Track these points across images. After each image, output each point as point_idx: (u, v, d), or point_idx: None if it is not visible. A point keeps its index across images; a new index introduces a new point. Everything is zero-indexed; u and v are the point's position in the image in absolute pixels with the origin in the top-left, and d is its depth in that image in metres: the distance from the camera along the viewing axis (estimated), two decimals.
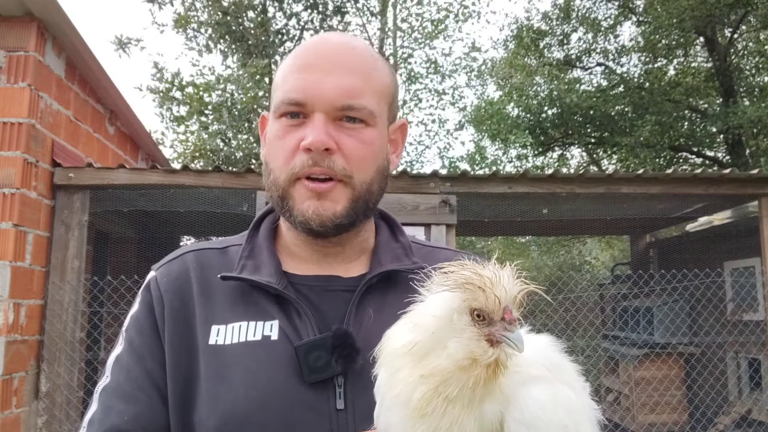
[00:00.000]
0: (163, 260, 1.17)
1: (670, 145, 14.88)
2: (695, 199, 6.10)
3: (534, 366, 0.78)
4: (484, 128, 16.30)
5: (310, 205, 1.05)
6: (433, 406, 0.73)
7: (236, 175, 4.95)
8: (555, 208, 6.22)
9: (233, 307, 1.07)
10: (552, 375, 0.78)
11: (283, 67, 1.13)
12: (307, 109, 1.05)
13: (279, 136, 1.08)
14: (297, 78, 1.07)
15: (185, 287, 1.09)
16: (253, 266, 1.10)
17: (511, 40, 17.43)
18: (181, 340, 1.05)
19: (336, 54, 1.09)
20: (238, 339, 1.03)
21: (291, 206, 1.07)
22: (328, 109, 1.05)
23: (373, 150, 1.09)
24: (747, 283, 6.53)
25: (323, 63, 1.07)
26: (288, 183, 1.07)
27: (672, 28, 13.60)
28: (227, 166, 9.35)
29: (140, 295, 1.13)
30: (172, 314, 1.07)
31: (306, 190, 1.05)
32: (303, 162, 1.04)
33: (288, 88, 1.07)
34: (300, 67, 1.08)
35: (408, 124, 1.25)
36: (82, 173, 4.80)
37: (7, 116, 4.32)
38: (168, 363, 1.04)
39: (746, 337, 6.47)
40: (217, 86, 11.16)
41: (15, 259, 4.26)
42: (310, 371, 0.99)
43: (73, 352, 4.63)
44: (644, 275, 5.99)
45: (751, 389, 6.83)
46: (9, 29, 4.42)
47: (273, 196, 1.10)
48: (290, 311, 1.05)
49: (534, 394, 0.75)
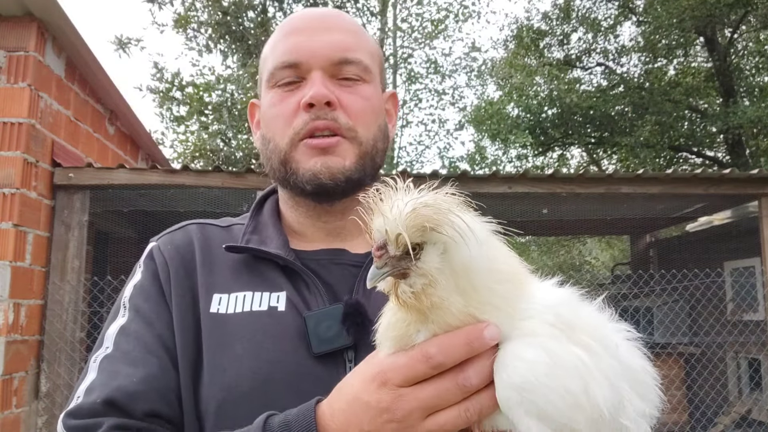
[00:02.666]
0: (164, 232, 1.13)
1: (670, 145, 14.89)
2: (695, 199, 6.10)
3: (537, 323, 0.70)
4: (484, 128, 16.30)
5: (317, 161, 1.01)
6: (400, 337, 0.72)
7: (236, 175, 4.95)
8: (555, 208, 6.22)
9: (237, 276, 1.03)
10: (560, 333, 0.69)
11: (270, 41, 1.09)
12: (302, 69, 1.02)
13: (274, 103, 1.04)
14: (287, 41, 1.04)
15: (189, 256, 1.06)
16: (259, 240, 1.07)
17: (511, 40, 17.43)
18: (188, 308, 1.01)
19: (324, 17, 1.07)
20: (242, 308, 0.98)
21: (295, 169, 1.03)
22: (324, 65, 1.02)
23: (372, 105, 1.07)
24: (747, 283, 6.53)
25: (312, 24, 1.05)
26: (290, 146, 1.03)
27: (672, 28, 13.60)
28: (227, 166, 9.36)
29: (142, 264, 1.08)
30: (178, 281, 1.03)
31: (309, 149, 1.02)
32: (305, 120, 1.01)
33: (279, 53, 1.04)
34: (288, 32, 1.05)
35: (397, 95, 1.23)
36: (82, 173, 4.80)
37: (7, 116, 4.32)
38: (176, 330, 0.99)
39: (746, 337, 6.47)
40: (217, 86, 11.17)
41: (15, 259, 4.26)
42: (320, 342, 0.94)
43: (73, 352, 4.63)
44: (644, 275, 5.99)
45: (751, 389, 6.83)
46: (9, 29, 4.42)
47: (273, 164, 1.06)
48: (298, 283, 1.01)
49: (523, 353, 0.67)
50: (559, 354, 0.68)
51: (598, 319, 0.76)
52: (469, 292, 0.69)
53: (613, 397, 0.69)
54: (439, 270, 0.68)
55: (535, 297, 0.73)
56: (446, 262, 0.68)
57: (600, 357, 0.70)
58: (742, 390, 6.96)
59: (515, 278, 0.73)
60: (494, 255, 0.72)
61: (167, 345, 0.98)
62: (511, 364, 0.67)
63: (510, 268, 0.73)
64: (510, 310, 0.70)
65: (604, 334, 0.74)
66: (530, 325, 0.70)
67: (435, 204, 0.67)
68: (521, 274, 0.75)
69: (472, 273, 0.69)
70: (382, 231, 0.68)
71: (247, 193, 5.09)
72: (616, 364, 0.72)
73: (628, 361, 0.75)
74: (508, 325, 0.70)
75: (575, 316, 0.73)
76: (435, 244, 0.68)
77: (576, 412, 0.66)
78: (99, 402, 0.90)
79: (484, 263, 0.70)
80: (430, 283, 0.68)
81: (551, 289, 0.76)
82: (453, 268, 0.68)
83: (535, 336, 0.69)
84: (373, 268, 0.69)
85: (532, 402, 0.66)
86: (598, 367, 0.69)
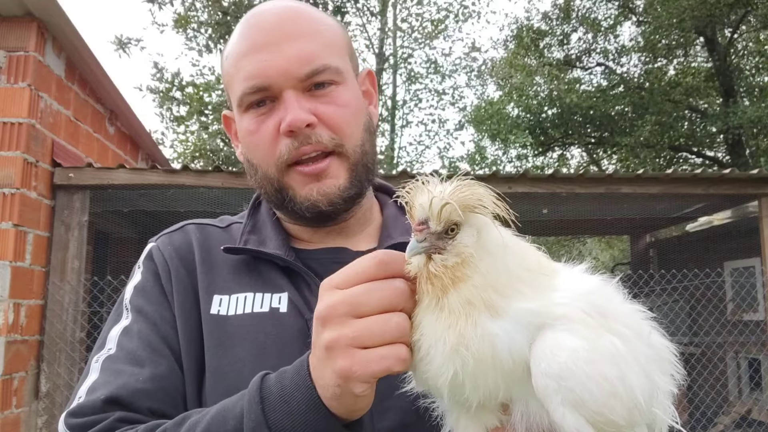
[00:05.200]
0: (162, 232, 1.11)
1: (670, 145, 14.89)
2: (695, 199, 6.10)
3: (572, 310, 0.70)
4: (484, 128, 16.32)
5: (312, 188, 1.00)
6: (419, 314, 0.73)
7: (236, 175, 4.95)
8: (555, 208, 6.22)
9: (237, 278, 1.01)
10: (593, 321, 0.70)
11: (229, 56, 1.04)
12: (273, 91, 0.98)
13: (252, 131, 1.01)
14: (250, 62, 0.99)
15: (189, 256, 1.04)
16: (258, 240, 1.05)
17: (511, 40, 17.44)
18: (190, 309, 0.99)
19: (279, 23, 1.01)
20: (243, 310, 0.97)
21: (292, 196, 1.01)
22: (294, 83, 0.98)
23: (353, 110, 1.03)
24: (747, 283, 6.54)
25: (271, 37, 0.99)
26: (280, 173, 1.00)
27: (672, 28, 13.61)
28: (227, 166, 9.36)
29: (142, 265, 1.06)
30: (179, 282, 1.01)
31: (302, 176, 1.00)
32: (289, 147, 0.98)
33: (245, 76, 0.99)
34: (248, 49, 1.00)
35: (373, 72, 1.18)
36: (82, 173, 4.80)
37: (7, 116, 4.32)
38: (180, 330, 0.97)
39: (746, 337, 6.47)
40: (217, 86, 11.18)
41: (15, 259, 4.26)
42: None
43: (73, 352, 4.63)
44: (644, 275, 5.99)
45: (751, 389, 6.83)
46: (9, 29, 4.42)
47: (267, 192, 1.04)
48: (299, 283, 0.99)
49: (561, 341, 0.67)
50: (596, 342, 0.68)
51: (630, 308, 0.77)
52: (496, 275, 0.71)
53: (648, 385, 0.70)
54: (473, 249, 0.71)
55: (566, 284, 0.74)
56: (480, 244, 0.72)
57: (634, 345, 0.71)
58: (742, 390, 6.96)
59: (543, 267, 0.75)
60: (523, 244, 0.76)
61: (172, 346, 0.96)
62: (549, 353, 0.67)
63: (537, 258, 0.76)
64: (537, 296, 0.71)
65: (636, 321, 0.75)
66: (564, 313, 0.70)
67: (473, 187, 0.72)
68: (548, 263, 0.77)
69: (506, 256, 0.72)
70: (425, 206, 0.71)
71: (247, 193, 5.09)
72: (650, 352, 0.73)
73: (656, 345, 0.76)
74: (536, 312, 0.70)
75: (608, 304, 0.74)
76: (470, 226, 0.72)
77: (613, 400, 0.66)
78: (102, 399, 0.88)
79: (516, 248, 0.74)
80: (463, 262, 0.70)
81: (582, 277, 0.77)
82: (487, 250, 0.71)
83: (570, 324, 0.69)
84: (413, 242, 0.72)
85: (570, 390, 0.66)
86: (633, 356, 0.70)
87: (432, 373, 0.71)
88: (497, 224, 0.72)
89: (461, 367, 0.68)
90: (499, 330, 0.68)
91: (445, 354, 0.69)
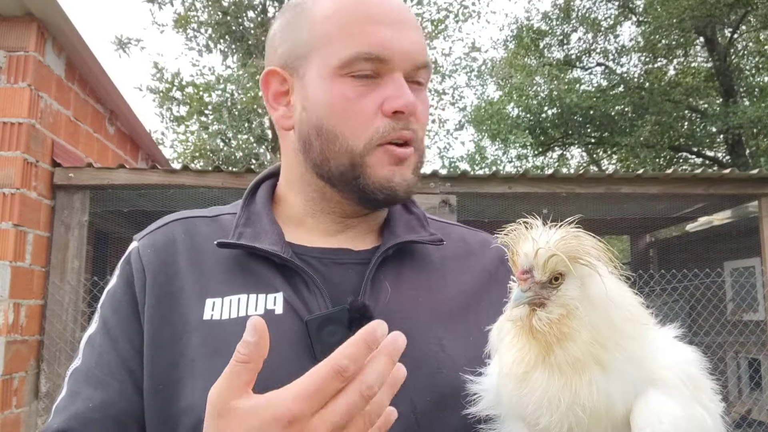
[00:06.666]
0: (146, 229, 1.04)
1: (670, 145, 14.90)
2: (695, 199, 6.10)
3: (672, 375, 0.72)
4: (484, 128, 16.32)
5: (393, 171, 0.95)
6: (525, 368, 0.71)
7: (236, 175, 4.95)
8: (555, 208, 6.22)
9: (230, 278, 0.95)
10: (688, 391, 0.71)
11: (335, 14, 0.95)
12: (387, 67, 0.93)
13: (350, 98, 0.93)
14: (374, 30, 0.92)
15: (171, 259, 0.97)
16: (252, 234, 0.98)
17: (511, 40, 17.45)
18: (164, 317, 0.93)
19: (400, 9, 0.97)
20: (236, 313, 0.91)
21: (368, 174, 0.94)
22: (407, 68, 0.94)
23: (428, 113, 1.03)
24: (747, 283, 6.54)
25: (394, 16, 0.95)
26: (367, 149, 0.94)
27: (672, 28, 13.61)
28: (227, 166, 9.36)
29: (119, 268, 1.01)
30: (155, 288, 0.95)
31: (388, 156, 0.94)
32: (389, 126, 0.93)
33: (364, 41, 0.92)
34: (371, 18, 0.94)
35: None
36: (82, 173, 4.80)
37: (7, 116, 4.32)
38: (147, 343, 0.92)
39: (746, 337, 6.47)
40: (217, 86, 11.18)
41: (15, 259, 4.26)
42: (324, 348, 0.85)
43: (73, 352, 4.62)
44: (644, 275, 5.99)
45: (751, 389, 6.83)
46: (9, 29, 4.42)
47: (339, 162, 0.96)
48: (296, 283, 0.93)
49: (667, 408, 0.68)
50: (692, 413, 0.70)
51: (710, 382, 0.79)
52: (601, 329, 0.70)
53: None
54: (578, 301, 0.70)
55: (663, 348, 0.75)
56: (585, 296, 0.71)
57: (717, 419, 0.73)
58: (742, 390, 6.96)
59: (640, 316, 0.75)
60: (623, 293, 0.75)
61: (130, 366, 0.92)
62: (655, 419, 0.68)
63: (637, 307, 0.76)
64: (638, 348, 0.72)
65: (717, 397, 0.77)
66: (665, 377, 0.71)
67: (580, 238, 0.71)
68: (646, 319, 0.77)
69: (609, 309, 0.71)
70: (530, 255, 0.71)
71: None
72: (724, 428, 0.75)
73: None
74: (640, 367, 0.71)
75: (699, 376, 0.76)
76: (574, 277, 0.71)
77: None
78: (55, 429, 0.89)
79: (618, 300, 0.73)
80: (568, 314, 0.70)
81: (676, 344, 0.78)
82: (592, 303, 0.71)
83: (671, 390, 0.70)
84: (517, 292, 0.71)
85: None
86: (716, 429, 0.72)
87: (542, 426, 0.71)
88: (602, 274, 0.70)
89: (576, 424, 0.69)
90: (612, 387, 0.69)
91: (561, 412, 0.69)
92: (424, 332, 0.94)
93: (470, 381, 0.83)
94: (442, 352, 0.92)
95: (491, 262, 1.06)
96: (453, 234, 1.10)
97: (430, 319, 0.96)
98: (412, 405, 0.88)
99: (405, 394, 0.87)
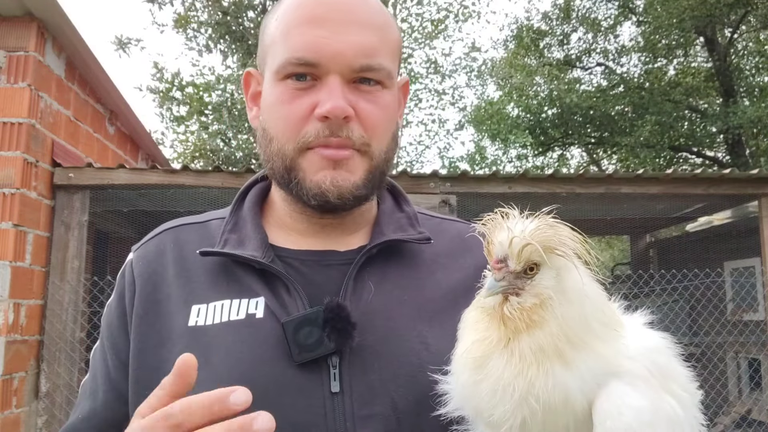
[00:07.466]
0: (142, 240, 1.08)
1: (670, 145, 14.90)
2: (695, 199, 6.10)
3: (637, 366, 0.70)
4: (484, 128, 16.33)
5: (326, 175, 0.94)
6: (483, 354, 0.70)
7: (236, 175, 4.95)
8: (555, 208, 6.21)
9: (214, 284, 0.97)
10: (656, 381, 0.70)
11: (281, 18, 0.97)
12: (320, 70, 0.92)
13: (284, 101, 0.94)
14: (305, 33, 0.92)
15: (159, 269, 1.00)
16: (237, 240, 0.99)
17: (511, 40, 17.44)
18: (150, 325, 0.96)
19: (348, 5, 0.94)
20: (220, 319, 0.93)
21: (301, 178, 0.95)
22: (344, 71, 0.92)
23: (388, 115, 0.99)
24: (747, 283, 6.53)
25: (335, 16, 0.93)
26: (296, 153, 0.94)
27: (672, 28, 13.61)
28: (227, 166, 9.36)
29: (117, 281, 1.05)
30: (143, 298, 0.98)
31: (320, 159, 0.93)
32: (318, 131, 0.92)
33: (295, 45, 0.92)
34: (307, 19, 0.93)
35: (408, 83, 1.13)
36: (82, 173, 4.80)
37: (7, 116, 4.32)
38: (133, 351, 0.95)
39: (746, 337, 6.47)
40: (217, 86, 11.18)
41: (15, 259, 4.26)
42: (300, 350, 0.88)
43: (73, 352, 4.63)
44: (644, 275, 5.99)
45: (751, 389, 6.83)
46: (9, 29, 4.42)
47: (276, 168, 0.98)
48: (277, 287, 0.95)
49: (629, 400, 0.66)
50: (659, 404, 0.68)
51: (684, 370, 0.77)
52: (572, 324, 0.69)
53: None
54: (552, 292, 0.69)
55: (631, 338, 0.73)
56: (560, 288, 0.69)
57: (688, 409, 0.72)
58: (742, 390, 6.96)
59: (615, 322, 0.73)
60: (600, 293, 0.73)
61: (113, 377, 0.99)
62: (616, 411, 0.66)
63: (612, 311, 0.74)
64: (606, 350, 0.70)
65: (690, 385, 0.75)
66: (630, 368, 0.69)
67: (556, 228, 0.70)
68: (619, 318, 0.75)
69: (584, 306, 0.69)
70: (505, 244, 0.69)
71: None
72: (700, 417, 0.74)
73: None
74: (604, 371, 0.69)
75: (669, 364, 0.74)
76: (550, 268, 0.70)
77: None
78: None
79: (594, 298, 0.71)
80: (541, 304, 0.69)
81: (645, 331, 0.76)
82: (566, 296, 0.69)
83: (635, 380, 0.68)
84: (491, 280, 0.70)
85: None
86: (687, 420, 0.70)
87: (497, 417, 0.69)
88: (579, 267, 0.69)
89: (530, 416, 0.67)
90: (571, 382, 0.67)
91: (514, 401, 0.67)
92: (407, 331, 0.94)
93: (442, 381, 0.82)
94: (426, 351, 0.92)
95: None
96: (450, 230, 1.10)
97: (415, 317, 0.96)
98: (392, 404, 0.89)
99: (385, 393, 0.89)
